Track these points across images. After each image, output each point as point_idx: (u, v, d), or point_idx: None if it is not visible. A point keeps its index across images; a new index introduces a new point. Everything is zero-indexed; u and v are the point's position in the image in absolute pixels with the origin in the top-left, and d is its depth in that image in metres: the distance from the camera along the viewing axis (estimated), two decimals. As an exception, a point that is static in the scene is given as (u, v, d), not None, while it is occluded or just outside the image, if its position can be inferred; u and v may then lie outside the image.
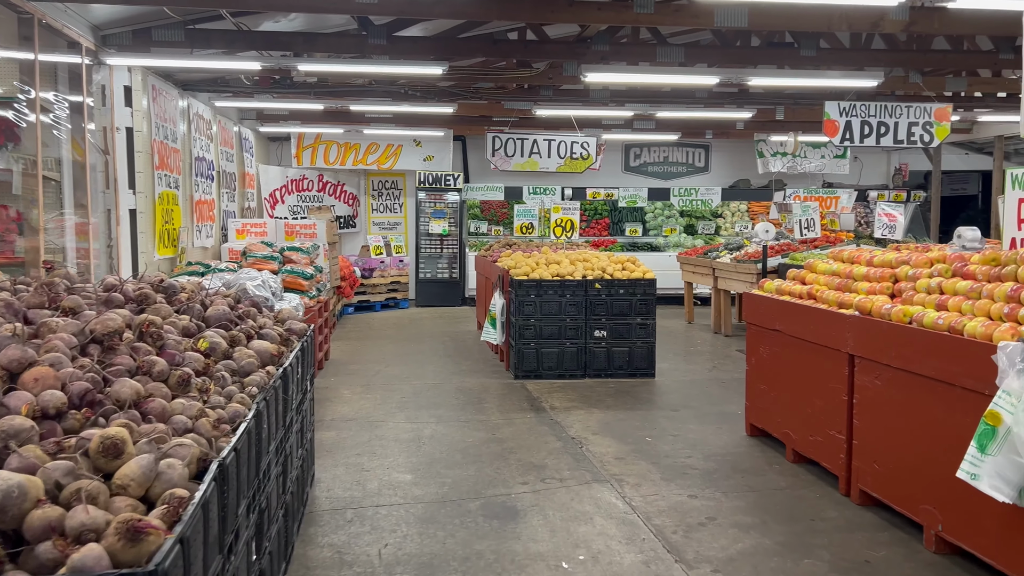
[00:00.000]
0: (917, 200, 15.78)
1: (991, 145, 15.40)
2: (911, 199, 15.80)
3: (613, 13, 6.20)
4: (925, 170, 16.68)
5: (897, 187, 16.24)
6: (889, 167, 16.85)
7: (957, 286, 4.21)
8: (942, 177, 15.70)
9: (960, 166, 17.00)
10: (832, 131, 8.86)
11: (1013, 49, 7.96)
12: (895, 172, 16.58)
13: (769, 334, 5.69)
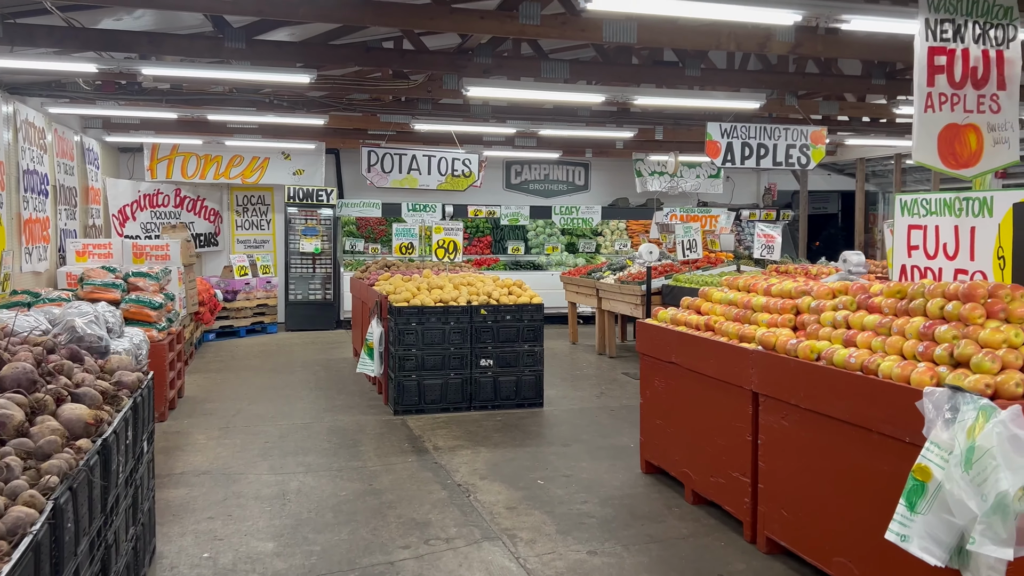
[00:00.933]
0: (786, 219, 16.30)
1: (851, 166, 16.13)
2: (780, 218, 16.31)
3: (497, 23, 5.76)
4: (792, 190, 17.30)
5: (767, 206, 16.74)
6: (759, 187, 17.37)
7: (864, 320, 4.00)
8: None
9: (823, 186, 17.73)
10: (714, 152, 8.80)
11: (885, 75, 8.14)
12: (765, 192, 17.09)
13: (665, 366, 5.37)
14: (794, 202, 17.51)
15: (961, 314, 3.54)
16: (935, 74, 4.77)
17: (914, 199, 5.16)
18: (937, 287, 3.79)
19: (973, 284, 3.61)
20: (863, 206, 14.70)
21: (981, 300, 3.54)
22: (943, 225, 4.93)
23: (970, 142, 4.88)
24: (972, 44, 4.82)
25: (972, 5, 4.82)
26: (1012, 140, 4.91)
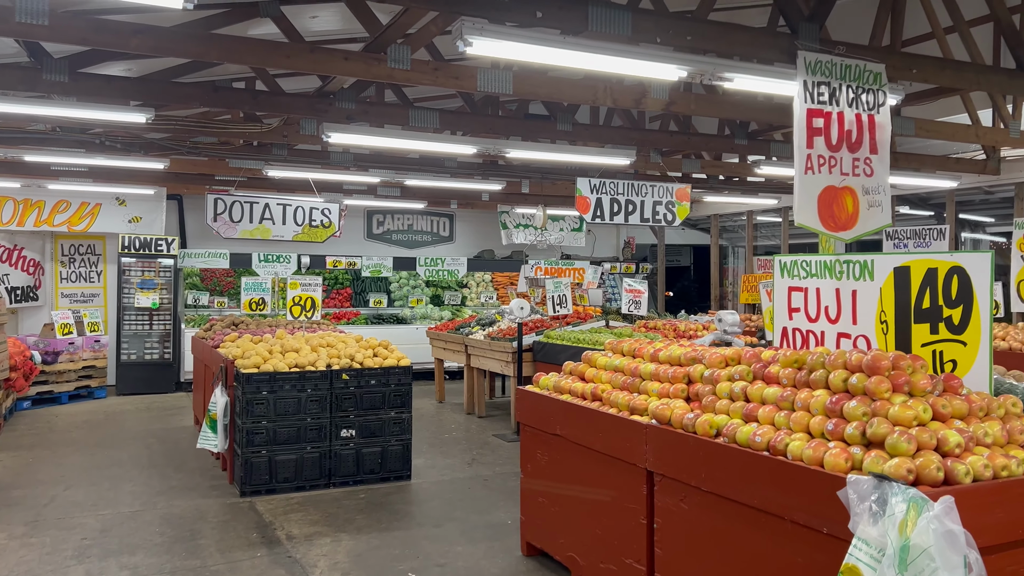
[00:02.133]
0: (645, 272, 16.60)
1: (704, 222, 16.73)
2: (640, 271, 16.59)
3: (363, 66, 5.28)
4: (650, 243, 17.71)
5: (627, 259, 17.01)
6: (619, 240, 17.66)
7: (765, 393, 3.75)
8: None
9: (676, 240, 18.28)
10: (584, 208, 8.66)
11: (747, 135, 8.32)
12: (624, 245, 17.39)
13: (549, 439, 4.96)
14: (651, 255, 17.93)
15: (867, 388, 3.34)
16: (814, 136, 4.73)
17: (794, 261, 5.08)
18: (837, 357, 3.61)
19: (876, 356, 3.44)
20: (718, 260, 15.19)
21: (886, 373, 3.37)
22: (824, 288, 4.85)
23: (847, 205, 4.87)
24: (847, 108, 4.83)
25: (845, 69, 4.84)
26: (885, 204, 4.94)
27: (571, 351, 8.59)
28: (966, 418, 3.29)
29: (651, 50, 4.34)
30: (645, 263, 16.97)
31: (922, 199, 12.55)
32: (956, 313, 4.07)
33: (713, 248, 15.23)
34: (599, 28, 4.18)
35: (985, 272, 3.94)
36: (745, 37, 4.61)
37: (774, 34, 4.72)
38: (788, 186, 12.31)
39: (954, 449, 3.03)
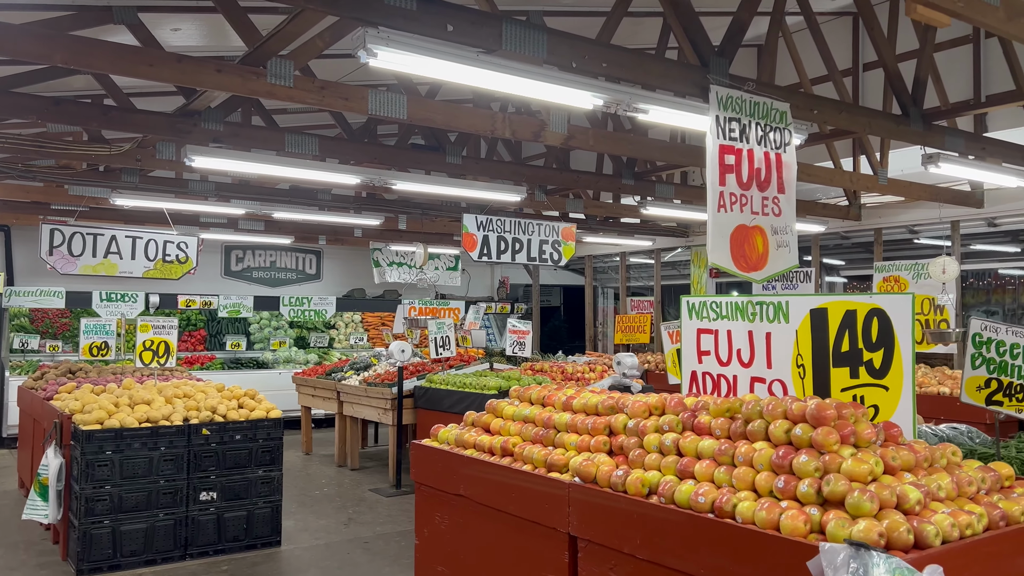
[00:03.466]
0: (520, 312, 16.40)
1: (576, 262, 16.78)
2: (515, 311, 16.37)
3: (239, 79, 4.67)
4: (523, 283, 17.57)
5: (502, 299, 16.76)
6: (494, 280, 17.41)
7: (700, 447, 3.44)
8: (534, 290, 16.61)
9: (548, 280, 18.27)
10: (471, 245, 8.27)
11: (634, 175, 8.25)
12: (499, 285, 17.15)
13: (450, 500, 4.44)
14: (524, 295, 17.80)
15: (815, 440, 3.10)
16: (726, 173, 4.57)
17: (702, 302, 4.89)
18: (776, 406, 3.35)
19: (820, 405, 3.21)
20: (592, 301, 15.21)
21: (832, 423, 3.14)
22: (736, 330, 4.67)
23: (758, 244, 4.73)
24: (756, 145, 4.73)
25: (754, 107, 4.74)
26: (792, 244, 4.86)
27: (456, 396, 8.11)
28: (913, 470, 3.10)
29: (567, 75, 4.04)
30: (520, 303, 16.78)
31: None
32: (877, 357, 3.95)
33: (588, 289, 15.26)
34: (513, 48, 3.83)
35: (906, 314, 3.84)
36: (659, 68, 4.42)
37: (687, 67, 4.56)
38: (662, 228, 12.49)
39: (915, 507, 2.81)
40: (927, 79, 5.83)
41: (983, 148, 6.11)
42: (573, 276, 18.21)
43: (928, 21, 3.49)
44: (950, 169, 5.79)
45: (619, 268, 14.84)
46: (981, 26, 3.44)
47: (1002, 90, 6.84)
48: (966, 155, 5.87)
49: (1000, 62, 6.52)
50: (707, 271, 12.60)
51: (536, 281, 16.49)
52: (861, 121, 5.37)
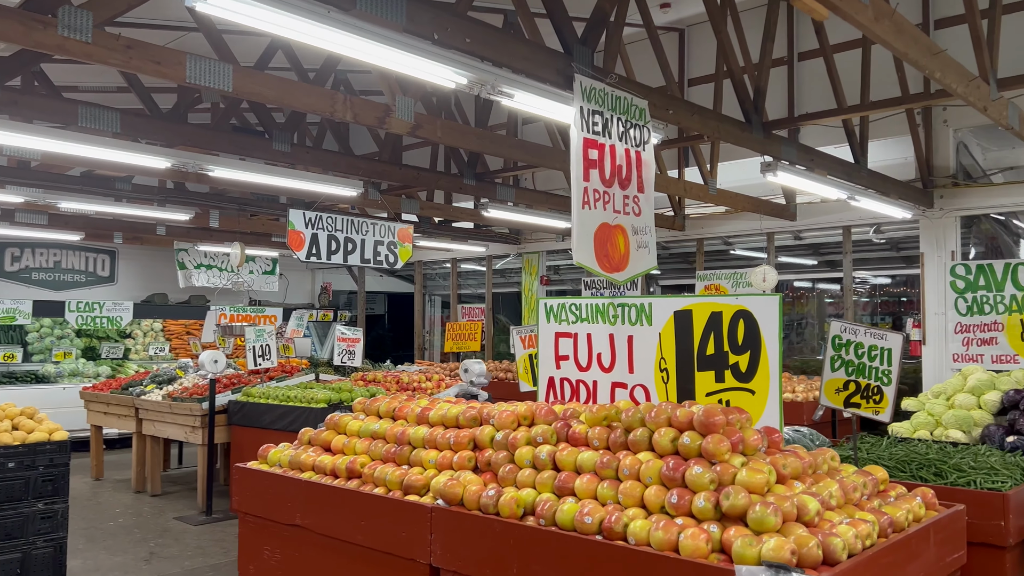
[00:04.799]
0: (344, 320, 15.59)
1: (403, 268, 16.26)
2: (338, 319, 15.55)
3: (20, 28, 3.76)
4: (347, 290, 16.77)
5: (324, 306, 15.88)
6: (315, 285, 16.47)
7: (580, 459, 3.12)
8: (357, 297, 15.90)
9: (373, 287, 17.59)
10: (298, 244, 7.54)
11: (475, 175, 7.93)
12: (321, 291, 16.24)
13: (284, 531, 3.83)
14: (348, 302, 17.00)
15: (705, 449, 2.87)
16: (590, 168, 4.33)
17: (561, 304, 4.63)
18: (659, 413, 3.10)
19: (709, 410, 2.99)
20: (422, 309, 14.75)
21: (721, 430, 2.93)
22: (596, 333, 4.45)
23: (619, 244, 4.53)
24: (618, 141, 4.53)
25: (616, 100, 4.55)
26: (651, 245, 4.71)
27: (279, 411, 7.36)
28: (801, 477, 2.96)
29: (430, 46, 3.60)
30: (343, 311, 15.96)
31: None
32: (743, 360, 3.84)
33: (417, 296, 14.78)
34: (369, 9, 3.34)
35: (773, 316, 3.75)
36: (524, 50, 4.10)
37: (552, 52, 4.28)
38: (496, 234, 12.30)
39: (814, 518, 2.64)
40: (766, 89, 5.98)
41: (811, 160, 6.39)
42: (399, 283, 17.64)
43: (809, 12, 3.44)
44: (785, 178, 5.98)
45: (449, 275, 14.50)
46: (852, 23, 3.43)
47: (817, 108, 7.25)
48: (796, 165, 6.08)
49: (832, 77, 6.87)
50: (538, 279, 12.56)
51: (362, 287, 15.78)
52: (712, 125, 5.38)
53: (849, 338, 3.92)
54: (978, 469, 3.77)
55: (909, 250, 11.54)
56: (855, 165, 7.04)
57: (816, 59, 7.91)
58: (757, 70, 6.11)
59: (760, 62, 6.05)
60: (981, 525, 3.43)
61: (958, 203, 8.26)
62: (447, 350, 13.10)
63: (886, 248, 11.54)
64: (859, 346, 3.90)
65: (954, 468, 3.79)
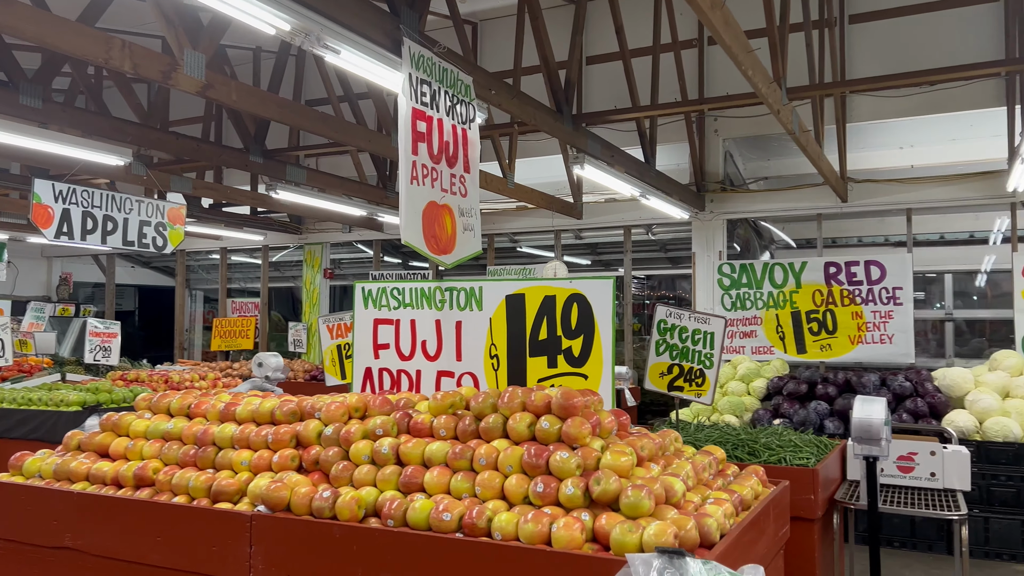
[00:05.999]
0: (87, 315, 13.75)
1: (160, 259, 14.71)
2: (80, 313, 13.69)
3: None
4: (93, 282, 14.86)
5: (63, 300, 13.91)
6: (52, 276, 14.37)
7: (429, 451, 2.82)
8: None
9: (125, 279, 15.75)
10: (44, 221, 6.40)
11: (263, 152, 7.23)
12: (60, 282, 14.21)
13: (48, 557, 3.11)
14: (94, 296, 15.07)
15: (567, 433, 2.70)
16: (418, 142, 4.04)
17: (381, 288, 4.31)
18: (512, 398, 2.90)
19: (567, 392, 2.83)
20: (183, 304, 13.40)
21: (581, 412, 2.78)
22: (421, 319, 4.18)
23: (447, 225, 4.28)
24: (445, 116, 4.28)
25: (443, 73, 4.30)
26: (477, 228, 4.50)
27: (18, 416, 6.22)
28: (655, 459, 2.89)
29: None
30: (88, 305, 14.09)
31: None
32: (576, 344, 3.76)
33: (179, 289, 13.38)
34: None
35: (607, 300, 3.70)
36: (353, 5, 3.69)
37: (381, 12, 3.91)
38: (276, 222, 11.47)
39: (681, 500, 2.57)
40: (576, 81, 6.04)
41: (612, 156, 6.56)
42: (154, 275, 15.94)
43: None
44: (591, 171, 6.07)
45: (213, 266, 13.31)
46: (693, 6, 3.46)
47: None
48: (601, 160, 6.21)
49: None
50: (320, 272, 11.91)
51: (111, 279, 14.03)
52: (530, 111, 5.30)
53: (674, 322, 3.98)
54: (784, 447, 3.99)
55: (675, 251, 12.49)
56: (646, 165, 7.36)
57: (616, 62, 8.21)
58: (568, 64, 6.15)
59: (571, 56, 6.10)
60: (796, 500, 3.61)
61: (725, 207, 8.98)
62: (214, 348, 12.03)
63: (655, 249, 12.38)
64: (683, 330, 3.98)
65: (765, 447, 3.98)
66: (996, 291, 10.75)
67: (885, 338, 8.04)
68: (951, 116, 8.21)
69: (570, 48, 6.09)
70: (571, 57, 6.07)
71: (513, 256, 12.19)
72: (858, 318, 8.18)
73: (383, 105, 6.46)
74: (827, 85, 7.18)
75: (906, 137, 9.08)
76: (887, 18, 8.15)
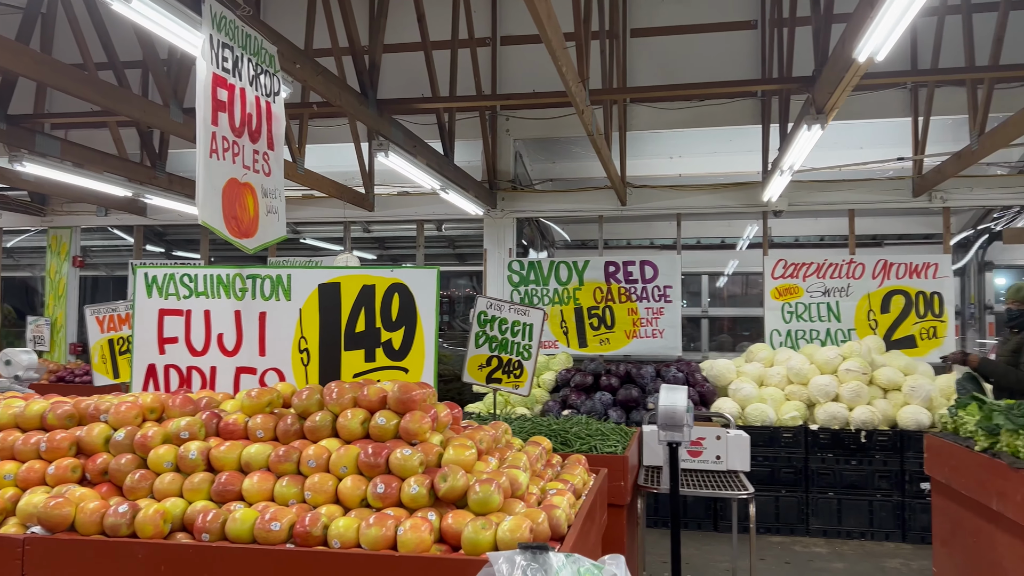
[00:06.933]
0: None
1: None
2: None
3: None
4: None
5: None
6: None
7: (247, 454, 2.51)
8: None
9: None
10: None
11: (5, 118, 6.17)
12: None
13: None
14: None
15: (406, 429, 2.54)
16: (219, 111, 3.63)
17: (169, 275, 3.87)
18: (343, 393, 2.68)
19: (405, 386, 2.66)
20: None
21: (419, 406, 2.62)
22: (217, 310, 3.80)
23: (249, 206, 3.89)
24: (248, 86, 3.89)
25: (247, 39, 3.91)
26: (281, 212, 4.15)
27: None
28: (492, 452, 2.81)
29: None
30: None
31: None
32: (397, 336, 3.62)
33: None
34: None
35: (431, 290, 3.60)
36: (147, -52, 3.21)
37: (182, -37, 3.45)
38: (11, 201, 9.93)
39: (526, 492, 2.51)
40: (379, 66, 5.80)
41: (415, 146, 6.40)
42: None
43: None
44: (396, 160, 5.85)
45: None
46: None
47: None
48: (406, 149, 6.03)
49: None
50: (69, 260, 10.50)
51: None
52: (335, 91, 4.98)
53: (495, 314, 3.93)
54: (593, 436, 4.09)
55: (463, 248, 12.58)
56: (446, 159, 7.29)
57: (411, 53, 8.05)
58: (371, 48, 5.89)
59: (372, 39, 5.85)
60: (609, 487, 3.71)
61: (516, 206, 9.16)
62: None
63: (444, 245, 12.39)
64: (503, 322, 3.94)
65: (576, 436, 4.06)
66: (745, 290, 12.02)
67: (657, 332, 8.65)
68: (715, 130, 9.01)
69: (371, 31, 5.85)
70: (373, 40, 5.83)
71: (296, 248, 11.60)
72: (633, 314, 8.73)
73: (162, 75, 5.78)
74: (616, 90, 7.56)
75: (676, 148, 9.84)
76: (664, 35, 8.77)
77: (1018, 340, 5.38)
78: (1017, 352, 5.32)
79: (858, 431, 6.58)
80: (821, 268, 8.56)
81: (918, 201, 8.36)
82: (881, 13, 3.25)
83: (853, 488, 6.55)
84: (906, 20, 3.21)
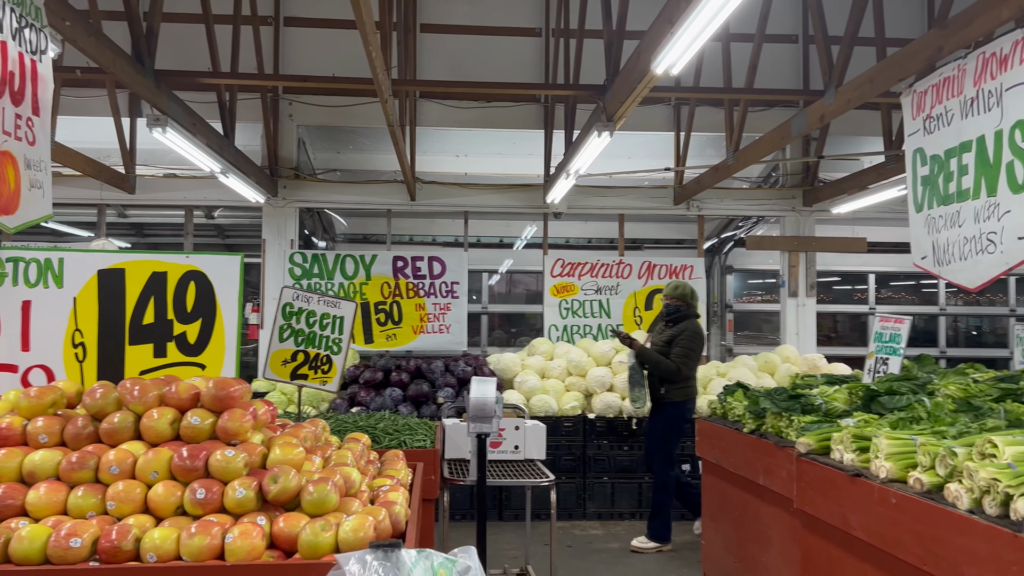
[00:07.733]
0: None
1: None
2: None
3: None
4: None
5: None
6: None
7: (30, 463, 2.17)
8: None
9: None
10: None
11: None
12: None
13: None
14: None
15: (225, 428, 2.33)
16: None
17: (-102, 255, 3.25)
18: (146, 391, 2.40)
19: (222, 382, 2.44)
20: None
21: (239, 403, 2.41)
22: (-34, 299, 3.25)
23: (9, 178, 3.35)
24: (11, 40, 3.36)
25: (10, -16, 3.37)
26: (47, 187, 3.62)
27: None
28: (316, 450, 2.65)
29: None
30: None
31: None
32: (193, 329, 3.34)
33: None
34: None
35: (233, 279, 3.37)
36: None
37: None
38: None
39: (360, 490, 2.40)
40: (158, 34, 5.25)
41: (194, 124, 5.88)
42: None
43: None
44: (174, 138, 5.33)
45: None
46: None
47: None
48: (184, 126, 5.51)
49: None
50: None
51: None
52: (108, 56, 4.41)
53: (301, 306, 3.72)
54: (401, 431, 4.03)
55: (235, 237, 11.82)
56: (226, 140, 6.80)
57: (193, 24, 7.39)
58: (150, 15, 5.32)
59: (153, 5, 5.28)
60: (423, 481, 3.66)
61: (299, 195, 8.78)
62: None
63: (213, 234, 11.55)
64: (311, 314, 3.74)
65: (384, 432, 3.97)
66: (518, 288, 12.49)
67: (444, 328, 8.73)
68: (500, 132, 9.28)
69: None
70: (154, 6, 5.28)
71: (36, 233, 10.21)
72: (421, 310, 8.73)
73: None
74: (410, 83, 7.52)
75: (462, 147, 9.99)
76: (454, 33, 8.85)
77: (671, 332, 6.01)
78: (670, 343, 5.95)
79: (630, 419, 7.09)
80: (595, 268, 9.12)
81: (678, 209, 9.18)
82: (681, 30, 3.52)
83: (625, 472, 7.05)
84: (703, 37, 3.51)
